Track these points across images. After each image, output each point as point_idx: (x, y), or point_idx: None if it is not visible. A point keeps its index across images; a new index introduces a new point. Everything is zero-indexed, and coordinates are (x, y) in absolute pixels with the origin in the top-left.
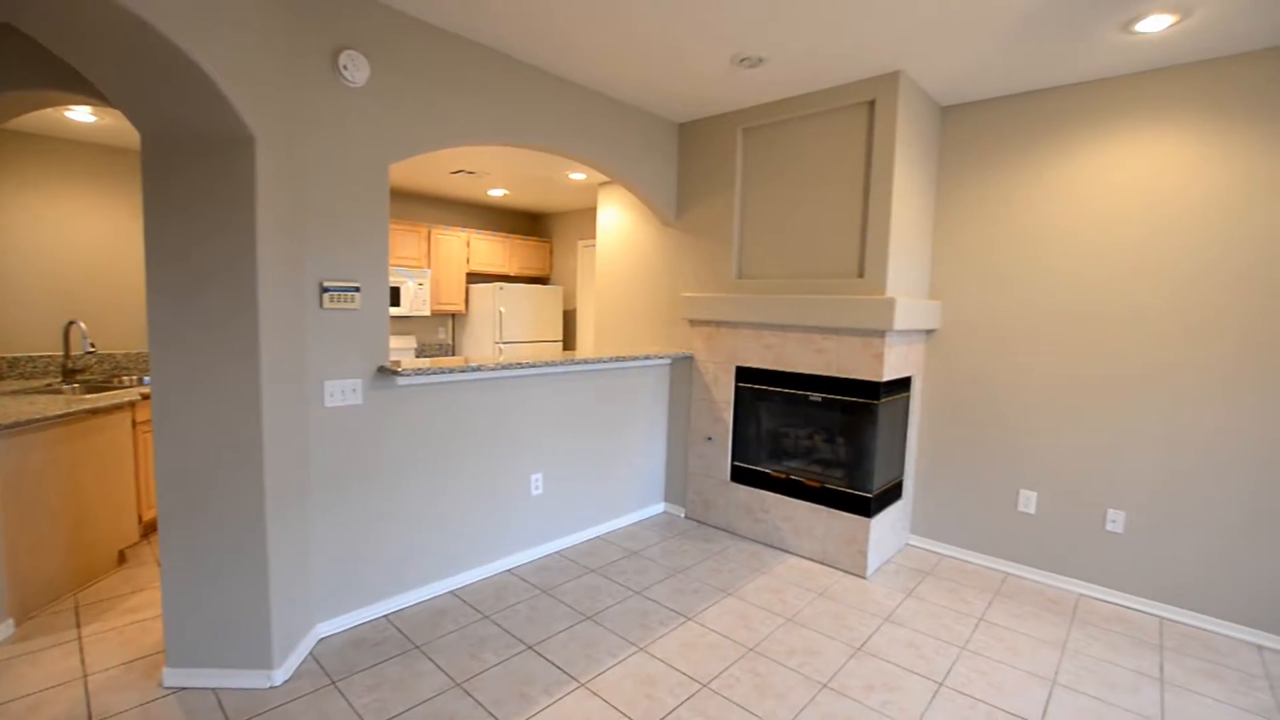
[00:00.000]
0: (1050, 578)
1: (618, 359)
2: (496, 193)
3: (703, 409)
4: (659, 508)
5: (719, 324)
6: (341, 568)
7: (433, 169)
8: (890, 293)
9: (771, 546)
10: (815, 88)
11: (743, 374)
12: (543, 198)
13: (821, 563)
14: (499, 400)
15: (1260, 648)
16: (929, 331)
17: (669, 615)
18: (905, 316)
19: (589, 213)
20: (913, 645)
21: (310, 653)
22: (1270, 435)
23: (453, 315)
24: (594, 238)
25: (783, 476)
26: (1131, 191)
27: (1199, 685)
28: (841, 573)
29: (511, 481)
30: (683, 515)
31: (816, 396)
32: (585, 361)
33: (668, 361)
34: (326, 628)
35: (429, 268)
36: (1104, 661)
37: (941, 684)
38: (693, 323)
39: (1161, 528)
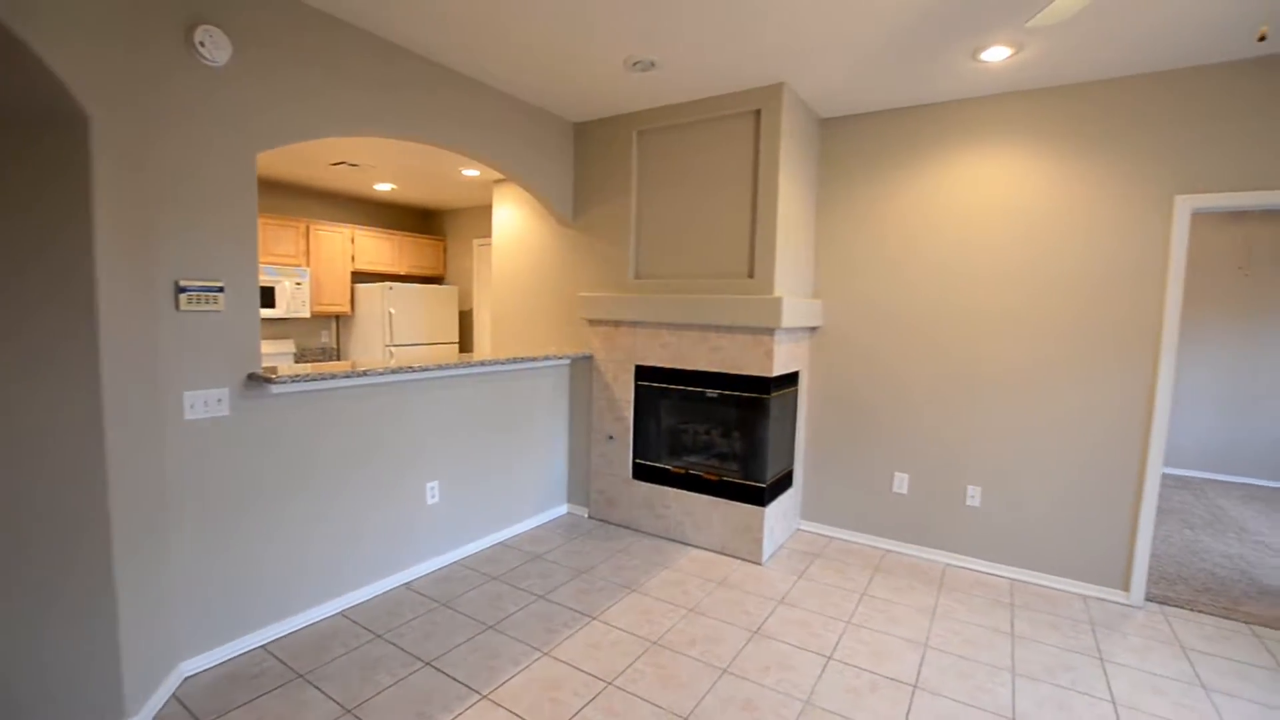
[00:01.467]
0: (922, 551)
1: (516, 360)
2: (383, 187)
3: (603, 408)
4: (562, 509)
5: (617, 323)
6: (210, 597)
7: (311, 160)
8: (778, 292)
9: (673, 540)
10: (706, 94)
11: (642, 372)
12: (434, 194)
13: (721, 553)
14: (390, 406)
15: (1085, 598)
16: (813, 329)
17: (573, 617)
18: (792, 315)
19: (484, 210)
20: (805, 624)
21: (174, 694)
22: (1090, 420)
23: (337, 317)
24: (490, 236)
25: (682, 472)
26: (989, 203)
27: (1041, 635)
28: (739, 561)
29: (405, 491)
30: (586, 515)
31: (713, 393)
32: (483, 363)
33: (567, 361)
34: (193, 664)
35: (308, 266)
36: (967, 623)
37: (830, 658)
38: (592, 322)
39: (1011, 500)
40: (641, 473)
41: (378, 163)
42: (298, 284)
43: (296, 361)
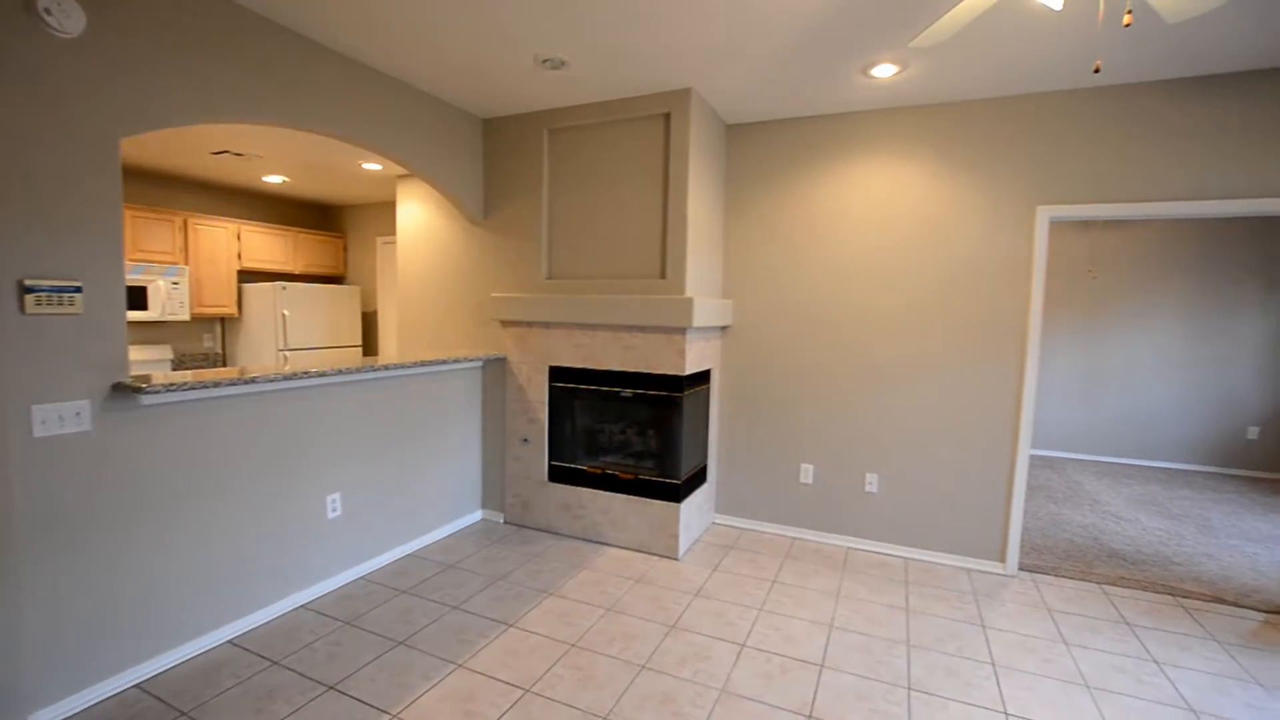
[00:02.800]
0: (827, 536)
1: (425, 363)
2: (273, 180)
3: (518, 410)
4: (476, 515)
5: (531, 324)
6: (71, 635)
7: (188, 147)
8: (689, 292)
9: (591, 541)
10: (616, 95)
11: (556, 373)
12: (332, 188)
13: (638, 550)
14: (285, 415)
15: (969, 571)
16: (724, 328)
17: (489, 625)
18: (703, 314)
19: (388, 206)
20: (720, 615)
21: None
22: (970, 409)
23: (222, 320)
24: (394, 234)
25: (599, 472)
26: (883, 209)
27: (932, 608)
28: (657, 557)
29: (303, 506)
30: (502, 520)
31: (627, 392)
32: (388, 367)
33: (479, 364)
34: (48, 714)
35: (187, 264)
36: (867, 602)
37: (744, 645)
38: (504, 323)
39: (904, 486)
40: (557, 474)
41: (266, 153)
42: (174, 284)
43: (175, 369)
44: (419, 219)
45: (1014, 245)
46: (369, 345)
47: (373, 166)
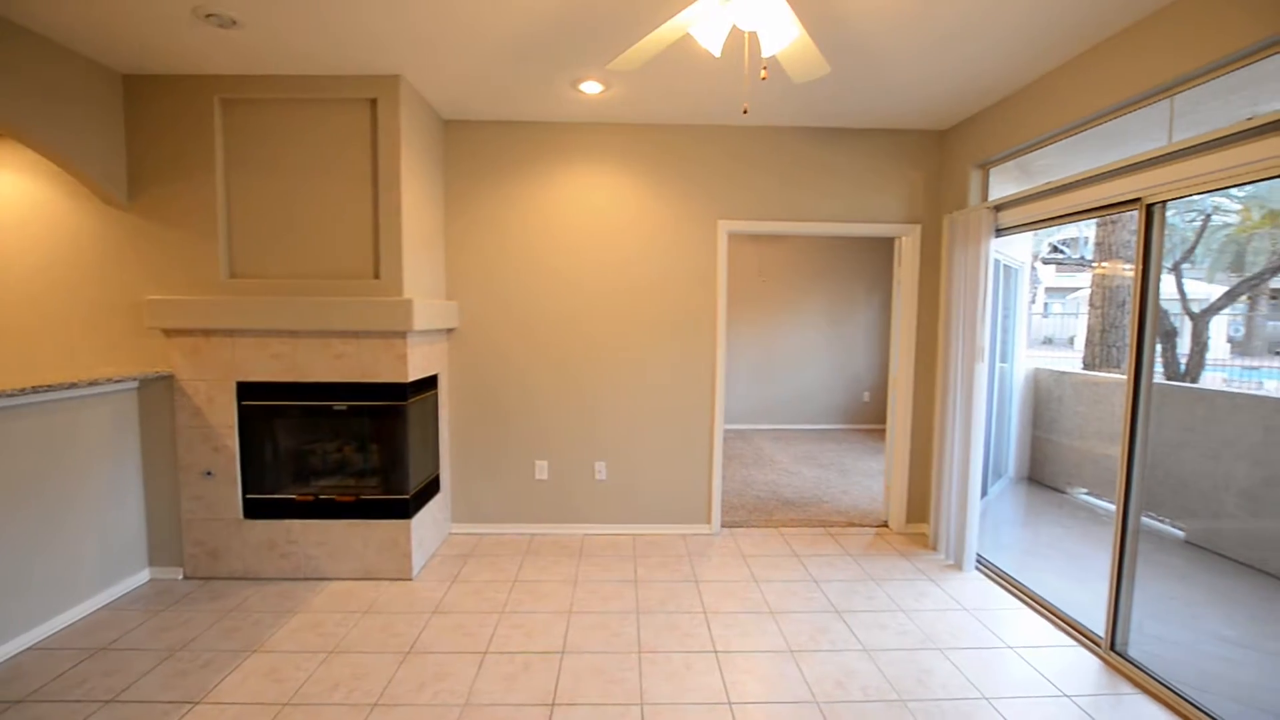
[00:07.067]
0: (563, 528)
1: (44, 389)
2: None
3: (195, 439)
4: (142, 577)
5: (209, 332)
6: None
7: None
8: (408, 294)
9: (306, 579)
10: (311, 71)
11: (247, 390)
12: None
13: (366, 578)
14: None
15: (685, 536)
16: (449, 330)
17: (165, 710)
18: (425, 317)
19: None
20: (460, 627)
21: None
22: (677, 395)
23: None
24: None
25: (311, 499)
26: (596, 216)
27: (656, 575)
28: (388, 581)
29: None
30: (180, 576)
31: (341, 405)
32: None
33: (134, 385)
34: None
35: None
36: (602, 582)
37: (486, 652)
38: (169, 333)
39: (628, 469)
40: (256, 509)
41: None
42: None
43: None
44: (20, 196)
45: (703, 254)
46: None
47: None
